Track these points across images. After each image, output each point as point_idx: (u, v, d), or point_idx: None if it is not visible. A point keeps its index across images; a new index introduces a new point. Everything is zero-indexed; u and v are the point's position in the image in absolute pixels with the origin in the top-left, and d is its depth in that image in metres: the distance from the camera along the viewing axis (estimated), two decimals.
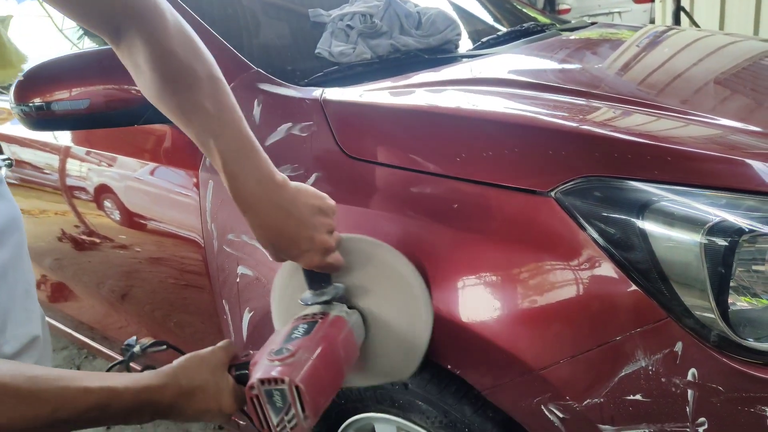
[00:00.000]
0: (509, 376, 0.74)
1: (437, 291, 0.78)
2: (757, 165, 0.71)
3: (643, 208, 0.68)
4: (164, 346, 0.78)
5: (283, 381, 0.63)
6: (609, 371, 0.68)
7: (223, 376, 0.68)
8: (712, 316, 0.66)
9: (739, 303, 0.67)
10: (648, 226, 0.68)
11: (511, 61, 1.20)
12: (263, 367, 0.66)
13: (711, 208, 0.67)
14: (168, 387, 0.63)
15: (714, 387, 0.65)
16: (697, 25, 3.84)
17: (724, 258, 0.65)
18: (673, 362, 0.66)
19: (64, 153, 1.45)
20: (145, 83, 0.67)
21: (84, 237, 1.47)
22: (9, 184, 1.06)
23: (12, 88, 1.04)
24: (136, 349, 0.77)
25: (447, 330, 0.77)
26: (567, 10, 8.11)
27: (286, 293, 0.86)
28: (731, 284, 0.66)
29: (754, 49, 1.39)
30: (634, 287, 0.68)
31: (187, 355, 0.68)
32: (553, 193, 0.73)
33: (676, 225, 0.67)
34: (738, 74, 1.19)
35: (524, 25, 1.54)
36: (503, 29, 1.53)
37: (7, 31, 1.26)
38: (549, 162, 0.75)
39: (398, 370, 0.81)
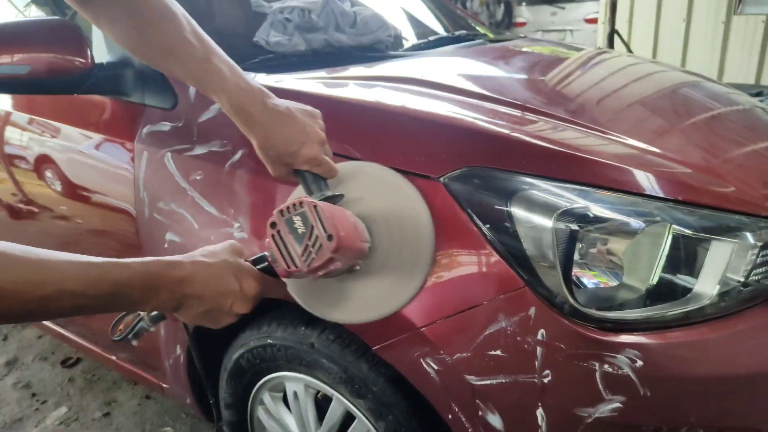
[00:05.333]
0: (396, 334, 0.85)
1: None
2: (614, 166, 0.86)
3: (511, 195, 0.81)
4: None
5: (301, 204, 0.66)
6: (476, 330, 0.81)
7: (242, 260, 0.70)
8: (561, 287, 0.79)
9: (583, 278, 0.81)
10: (514, 209, 0.81)
11: (430, 64, 1.32)
12: (274, 212, 0.68)
13: (567, 197, 0.80)
14: (183, 261, 0.63)
15: (558, 345, 0.78)
16: (629, 49, 4.11)
17: (568, 240, 0.78)
18: (527, 324, 0.79)
19: (3, 119, 1.48)
20: (123, 33, 0.76)
21: (20, 206, 1.51)
22: None
23: None
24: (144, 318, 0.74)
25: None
26: (523, 24, 8.45)
27: None
28: (576, 261, 0.79)
29: (674, 80, 1.54)
30: (501, 261, 0.80)
31: (201, 248, 0.69)
32: (442, 179, 0.85)
33: (536, 210, 0.80)
34: (649, 99, 1.34)
35: (456, 33, 1.67)
36: (433, 33, 1.65)
37: None
38: (441, 152, 0.87)
39: (397, 294, 0.80)
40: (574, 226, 0.79)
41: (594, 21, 7.47)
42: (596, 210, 0.81)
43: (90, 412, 1.81)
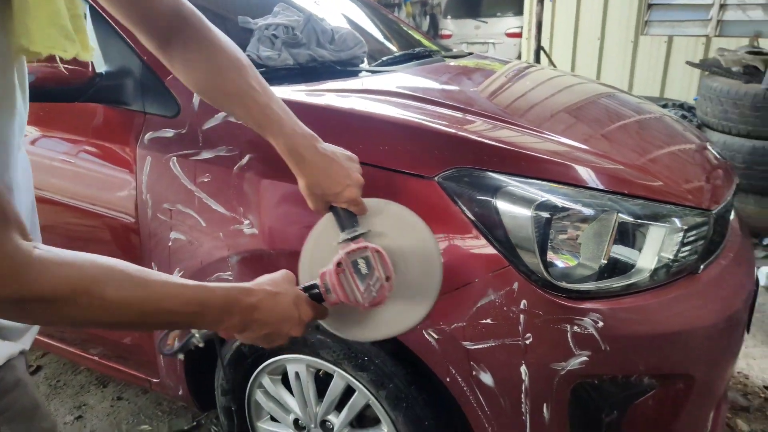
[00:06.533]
0: None
1: None
2: (570, 166, 1.05)
3: (496, 190, 0.98)
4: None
5: (366, 248, 0.79)
6: (470, 303, 0.97)
7: (298, 289, 0.77)
8: (538, 265, 0.97)
9: (555, 259, 0.99)
10: (499, 203, 0.98)
11: (405, 79, 1.48)
12: (341, 253, 0.79)
13: (539, 192, 0.98)
14: (254, 289, 0.70)
15: (537, 312, 0.96)
16: (553, 64, 4.49)
17: (544, 226, 0.96)
18: (512, 296, 0.96)
19: None
20: (198, 77, 0.82)
21: None
22: None
23: None
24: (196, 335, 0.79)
25: None
26: (448, 36, 8.84)
27: (320, 242, 0.91)
28: (549, 245, 0.98)
29: (594, 91, 1.80)
30: (488, 245, 0.97)
31: (262, 276, 0.75)
32: (436, 178, 1.00)
33: (517, 203, 0.97)
34: (577, 107, 1.57)
35: (416, 49, 1.84)
36: (396, 50, 1.82)
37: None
38: (434, 155, 1.03)
39: (412, 314, 0.87)
40: (548, 215, 0.97)
41: (514, 35, 7.96)
42: (562, 202, 0.99)
43: (60, 416, 1.81)
